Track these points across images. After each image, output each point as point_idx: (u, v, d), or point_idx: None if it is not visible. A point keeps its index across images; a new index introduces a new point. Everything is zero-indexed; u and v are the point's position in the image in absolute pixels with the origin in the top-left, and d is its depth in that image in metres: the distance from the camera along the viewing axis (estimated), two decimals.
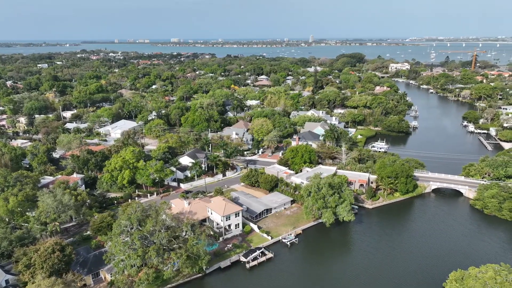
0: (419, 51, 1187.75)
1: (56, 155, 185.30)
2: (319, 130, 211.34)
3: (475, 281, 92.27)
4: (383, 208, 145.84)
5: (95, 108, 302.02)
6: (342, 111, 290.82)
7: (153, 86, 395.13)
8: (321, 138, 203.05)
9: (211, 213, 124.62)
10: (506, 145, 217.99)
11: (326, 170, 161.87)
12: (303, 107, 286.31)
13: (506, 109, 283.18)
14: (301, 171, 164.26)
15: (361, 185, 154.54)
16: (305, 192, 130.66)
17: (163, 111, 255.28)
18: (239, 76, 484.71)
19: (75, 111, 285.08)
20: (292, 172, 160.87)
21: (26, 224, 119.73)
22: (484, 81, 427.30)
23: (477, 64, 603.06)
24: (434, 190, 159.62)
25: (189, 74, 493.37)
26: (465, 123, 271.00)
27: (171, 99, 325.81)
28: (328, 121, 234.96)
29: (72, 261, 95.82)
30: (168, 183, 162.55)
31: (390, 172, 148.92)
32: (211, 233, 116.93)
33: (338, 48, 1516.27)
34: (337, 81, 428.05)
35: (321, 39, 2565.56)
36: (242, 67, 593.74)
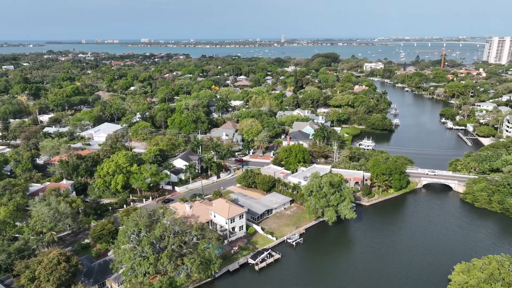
0: (388, 51, 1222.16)
1: (39, 161, 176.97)
2: (308, 129, 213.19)
3: (481, 272, 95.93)
4: (379, 204, 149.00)
5: (73, 111, 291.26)
6: (325, 110, 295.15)
7: (132, 88, 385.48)
8: (311, 137, 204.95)
9: (214, 216, 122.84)
10: (484, 140, 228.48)
11: (320, 169, 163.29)
12: (288, 107, 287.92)
13: (479, 105, 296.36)
14: (296, 170, 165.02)
15: (356, 182, 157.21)
16: (307, 192, 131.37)
17: (147, 113, 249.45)
18: (218, 76, 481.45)
19: (52, 114, 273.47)
20: (288, 172, 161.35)
21: (19, 235, 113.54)
22: (455, 79, 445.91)
23: (445, 63, 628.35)
24: (424, 186, 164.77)
25: (166, 75, 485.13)
26: (443, 120, 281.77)
27: (153, 101, 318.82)
28: (316, 121, 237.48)
29: (78, 272, 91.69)
30: (162, 186, 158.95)
31: (384, 169, 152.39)
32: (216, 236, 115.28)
33: (310, 48, 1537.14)
34: (316, 81, 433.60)
35: (293, 39, 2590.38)
36: (219, 67, 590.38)
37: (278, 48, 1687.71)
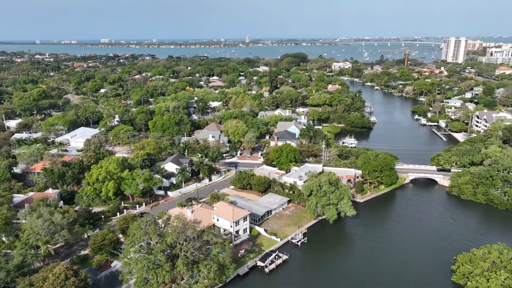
0: (352, 50, 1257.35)
1: (17, 170, 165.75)
2: (293, 129, 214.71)
3: (483, 261, 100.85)
4: (373, 201, 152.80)
5: (42, 115, 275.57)
6: (303, 109, 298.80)
7: (102, 90, 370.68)
8: (297, 137, 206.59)
9: (217, 220, 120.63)
10: (457, 135, 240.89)
11: (312, 168, 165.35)
12: (267, 107, 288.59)
13: (448, 102, 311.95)
14: (289, 170, 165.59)
15: (349, 180, 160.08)
16: (307, 191, 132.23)
17: (125, 116, 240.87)
18: (191, 77, 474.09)
19: (19, 119, 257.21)
20: (283, 172, 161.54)
21: (9, 251, 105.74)
22: (420, 77, 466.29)
23: (408, 62, 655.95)
24: (411, 181, 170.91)
25: (137, 76, 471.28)
26: (416, 116, 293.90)
27: (128, 103, 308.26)
28: (298, 120, 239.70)
29: (88, 286, 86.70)
30: (153, 192, 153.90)
31: (375, 166, 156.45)
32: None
33: (276, 48, 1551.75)
34: (290, 80, 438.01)
35: (257, 39, 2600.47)
36: (189, 68, 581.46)
37: (244, 48, 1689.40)
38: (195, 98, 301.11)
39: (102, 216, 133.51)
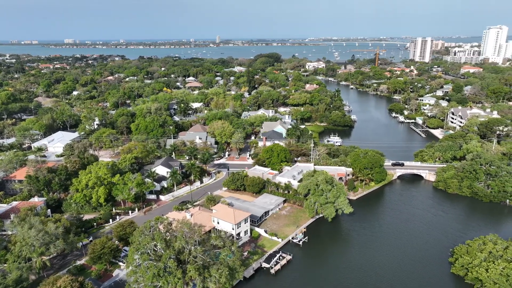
0: (322, 50, 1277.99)
1: None
2: (280, 129, 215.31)
3: (480, 252, 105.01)
4: (365, 198, 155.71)
5: (13, 120, 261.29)
6: (284, 109, 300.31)
7: (74, 93, 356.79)
8: (284, 136, 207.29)
9: (218, 223, 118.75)
10: (435, 131, 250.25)
11: (304, 167, 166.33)
12: (250, 108, 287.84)
13: (422, 100, 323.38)
14: (281, 170, 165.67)
15: (340, 178, 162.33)
16: (304, 190, 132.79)
17: (105, 119, 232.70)
18: (166, 78, 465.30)
19: None
20: (276, 172, 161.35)
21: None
22: (392, 76, 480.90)
23: (379, 62, 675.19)
24: (399, 177, 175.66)
25: (110, 78, 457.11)
26: (393, 114, 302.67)
27: (105, 105, 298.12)
28: (283, 120, 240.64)
29: None
30: (146, 196, 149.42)
31: (366, 163, 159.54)
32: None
33: (247, 48, 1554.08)
34: (267, 80, 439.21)
35: (227, 39, 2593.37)
36: (163, 69, 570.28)
37: (215, 48, 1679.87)
38: (175, 99, 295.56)
39: (94, 224, 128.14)
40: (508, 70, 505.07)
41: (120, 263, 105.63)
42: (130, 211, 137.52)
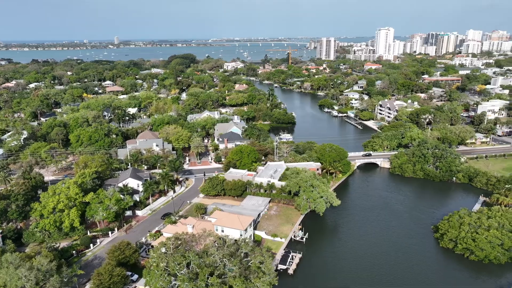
0: (230, 51, 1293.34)
1: None
2: (236, 129, 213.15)
3: (461, 225, 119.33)
4: (338, 189, 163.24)
5: None
6: (225, 109, 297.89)
7: None
8: (242, 136, 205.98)
9: (222, 231, 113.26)
10: (368, 123, 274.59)
11: (276, 165, 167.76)
12: (193, 110, 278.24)
13: (347, 95, 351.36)
14: (256, 171, 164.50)
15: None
16: (295, 188, 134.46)
17: (37, 132, 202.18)
18: (79, 83, 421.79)
19: None
20: (255, 173, 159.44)
21: None
22: (309, 74, 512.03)
23: (291, 61, 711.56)
24: (358, 167, 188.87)
25: (9, 84, 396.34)
26: (326, 109, 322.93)
27: (21, 117, 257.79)
28: (233, 121, 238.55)
29: None
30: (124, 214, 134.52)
31: (335, 157, 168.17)
32: None
33: (152, 50, 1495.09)
34: (194, 82, 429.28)
35: (127, 40, 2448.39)
36: (70, 73, 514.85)
37: (116, 50, 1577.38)
38: (107, 106, 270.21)
39: (73, 252, 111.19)
40: (401, 66, 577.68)
41: None
42: (110, 232, 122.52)
